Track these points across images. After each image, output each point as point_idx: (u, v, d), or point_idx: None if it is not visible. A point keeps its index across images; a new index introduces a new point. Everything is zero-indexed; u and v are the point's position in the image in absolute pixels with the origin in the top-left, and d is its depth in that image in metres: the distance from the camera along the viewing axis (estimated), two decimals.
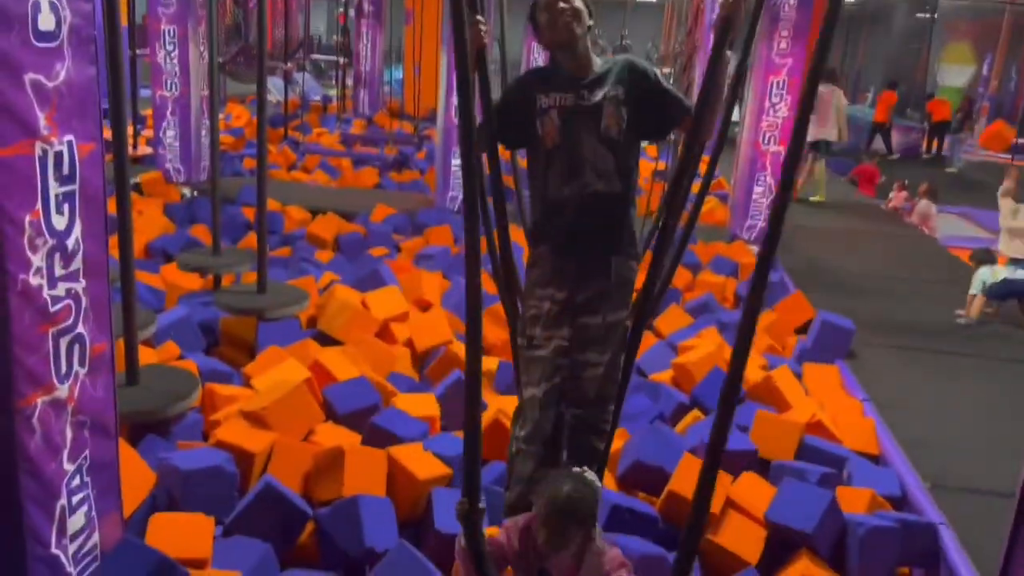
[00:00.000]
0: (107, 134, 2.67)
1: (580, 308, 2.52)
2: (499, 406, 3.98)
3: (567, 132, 2.50)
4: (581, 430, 2.56)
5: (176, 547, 2.84)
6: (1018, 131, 22.92)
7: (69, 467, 2.43)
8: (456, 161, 8.47)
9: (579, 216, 2.49)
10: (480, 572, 2.26)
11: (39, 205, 2.18)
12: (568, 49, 2.54)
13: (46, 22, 2.13)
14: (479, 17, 2.53)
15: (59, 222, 2.27)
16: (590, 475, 2.23)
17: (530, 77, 2.69)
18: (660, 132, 2.74)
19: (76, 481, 2.47)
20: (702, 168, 3.22)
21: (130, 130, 9.36)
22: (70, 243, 2.32)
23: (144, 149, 9.80)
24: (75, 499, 2.47)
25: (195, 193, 8.67)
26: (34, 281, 2.19)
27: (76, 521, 2.48)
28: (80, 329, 2.41)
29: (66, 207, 2.29)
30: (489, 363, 4.67)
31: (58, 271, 2.29)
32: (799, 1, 7.64)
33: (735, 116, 8.25)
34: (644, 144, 2.86)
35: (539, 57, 14.01)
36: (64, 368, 2.35)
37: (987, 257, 6.83)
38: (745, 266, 7.10)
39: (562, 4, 2.49)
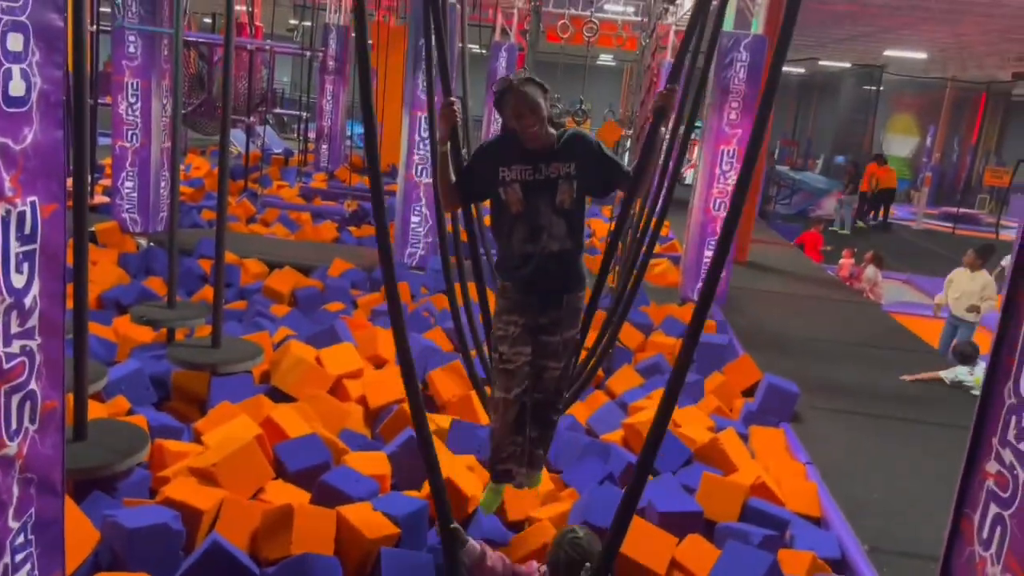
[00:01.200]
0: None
1: (541, 329, 3.13)
2: (452, 469, 4.02)
3: (528, 202, 3.00)
4: (543, 408, 3.26)
5: None
6: (961, 201, 23.90)
7: (14, 524, 2.41)
8: (415, 218, 8.60)
9: (538, 268, 3.06)
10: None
11: None
12: (530, 138, 2.99)
13: (16, 88, 2.19)
14: (452, 98, 3.08)
15: (18, 280, 2.30)
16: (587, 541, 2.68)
17: (494, 149, 3.12)
18: (604, 192, 3.23)
19: (20, 539, 2.45)
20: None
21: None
22: (27, 301, 2.35)
23: (100, 198, 9.75)
24: (19, 557, 2.45)
25: (151, 244, 8.63)
26: None
27: None
28: (32, 386, 2.42)
29: (25, 266, 2.32)
30: (442, 421, 4.71)
31: (14, 328, 2.31)
32: (748, 75, 7.98)
33: (689, 180, 8.60)
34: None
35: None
36: (15, 425, 2.36)
37: (972, 352, 6.87)
38: None
39: (528, 119, 2.91)
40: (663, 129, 3.14)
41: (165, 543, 3.22)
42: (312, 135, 15.72)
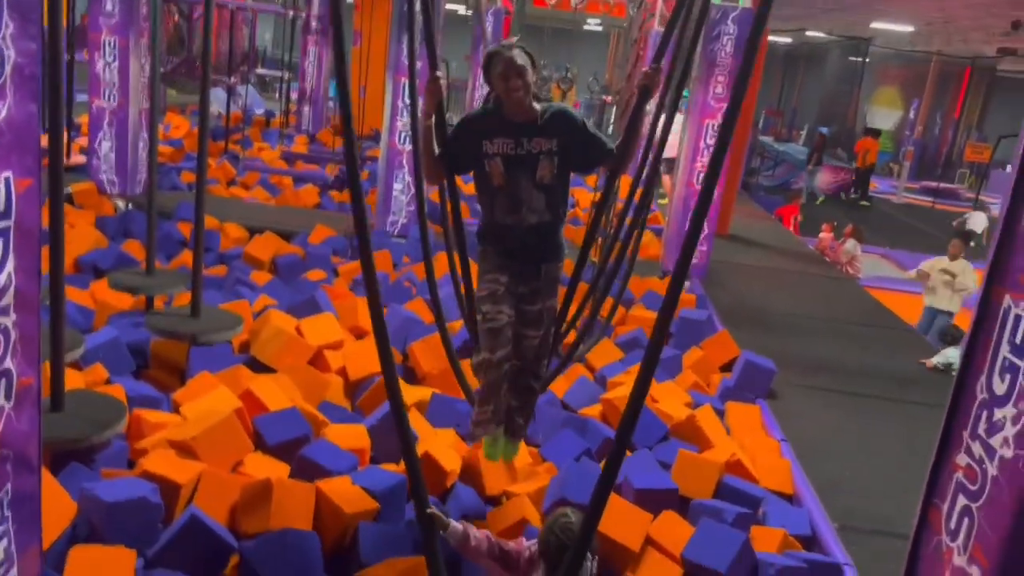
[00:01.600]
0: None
1: (521, 298, 3.19)
2: (430, 443, 4.04)
3: (509, 175, 3.05)
4: (523, 375, 3.31)
5: None
6: (941, 176, 24.01)
7: None
8: (398, 185, 8.54)
9: (518, 238, 3.13)
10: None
11: None
12: (515, 105, 2.99)
13: None
14: (438, 72, 3.09)
15: None
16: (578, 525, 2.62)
17: (477, 122, 3.14)
18: (587, 168, 3.29)
19: None
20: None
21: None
22: (2, 278, 2.32)
23: (77, 158, 9.59)
24: None
25: (129, 206, 8.53)
26: None
27: None
28: (8, 364, 2.39)
29: (0, 242, 2.29)
30: (423, 393, 4.73)
31: None
32: (735, 49, 7.93)
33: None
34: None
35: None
36: None
37: (960, 335, 6.88)
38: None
39: (515, 82, 2.91)
40: (647, 107, 3.16)
41: (143, 516, 3.23)
42: (294, 95, 15.51)
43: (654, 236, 9.83)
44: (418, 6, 3.40)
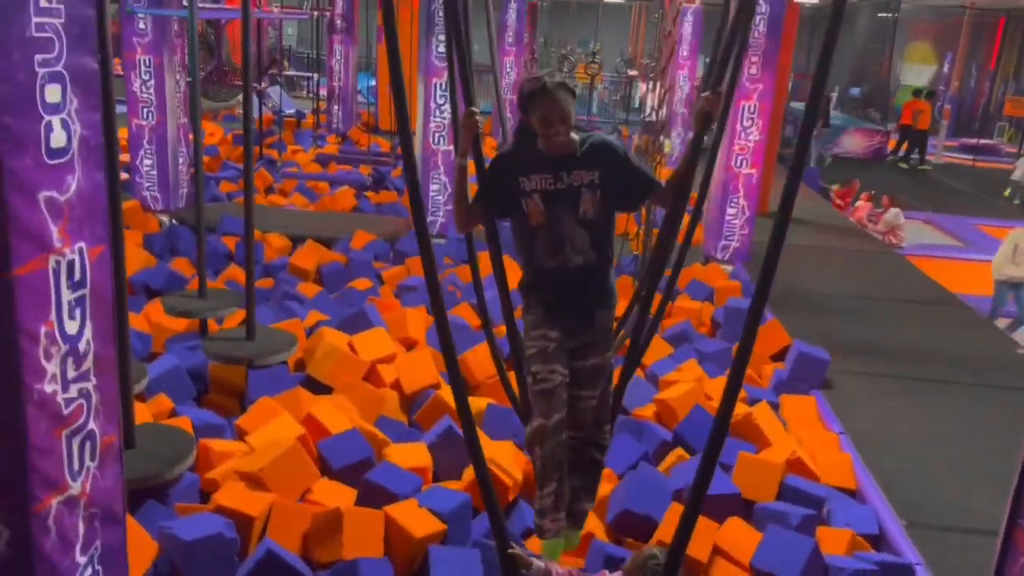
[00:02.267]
0: None
1: (573, 354, 2.87)
2: (492, 456, 4.07)
3: (549, 213, 2.81)
4: (584, 447, 2.97)
5: None
6: (980, 131, 23.47)
7: (81, 560, 2.48)
8: (434, 186, 8.55)
9: (562, 283, 2.85)
10: None
11: (52, 315, 2.23)
12: (554, 145, 2.79)
13: (58, 140, 2.18)
14: (473, 108, 2.86)
15: (71, 327, 2.32)
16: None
17: (512, 158, 2.91)
18: (631, 207, 3.03)
19: (88, 572, 2.52)
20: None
21: None
22: (81, 346, 2.38)
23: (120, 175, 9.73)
24: None
25: (173, 221, 8.66)
26: (48, 388, 2.25)
27: None
28: (91, 426, 2.46)
29: (77, 312, 2.34)
30: (478, 403, 4.76)
31: (70, 374, 2.34)
32: (768, 28, 7.81)
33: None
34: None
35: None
36: (76, 466, 2.41)
37: None
38: (720, 290, 7.25)
39: (558, 127, 2.72)
40: (705, 137, 2.88)
41: (220, 552, 3.31)
42: (323, 92, 15.57)
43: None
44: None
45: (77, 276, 2.33)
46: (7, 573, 2.31)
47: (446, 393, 4.75)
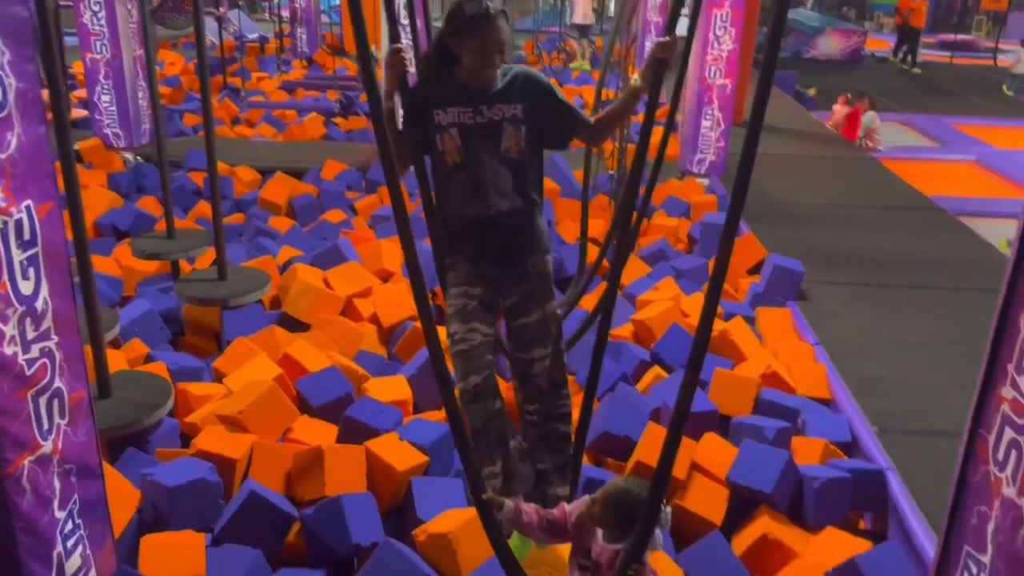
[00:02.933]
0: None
1: (512, 311, 2.66)
2: None
3: (467, 151, 2.57)
4: (544, 420, 2.72)
5: (170, 568, 2.95)
6: (958, 25, 23.15)
7: (60, 515, 2.50)
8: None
9: (485, 233, 2.62)
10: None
11: (5, 276, 2.18)
12: (479, 74, 2.59)
13: None
14: (399, 44, 2.58)
15: (26, 287, 2.27)
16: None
17: (427, 89, 2.67)
18: (558, 143, 2.77)
19: (69, 526, 2.55)
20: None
21: None
22: (39, 304, 2.34)
23: (77, 112, 9.47)
24: (70, 543, 2.55)
25: (138, 159, 8.47)
26: (8, 350, 2.21)
27: (73, 563, 2.57)
28: (57, 383, 2.44)
29: (31, 271, 2.29)
30: None
31: (30, 334, 2.31)
32: None
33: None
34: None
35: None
36: (46, 425, 2.40)
37: None
38: (696, 206, 7.22)
39: (494, 58, 2.54)
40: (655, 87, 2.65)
41: (204, 495, 3.34)
42: (286, 13, 15.07)
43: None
44: None
45: (27, 235, 2.27)
46: None
47: None
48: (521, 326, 2.64)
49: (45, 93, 2.74)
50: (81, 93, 9.86)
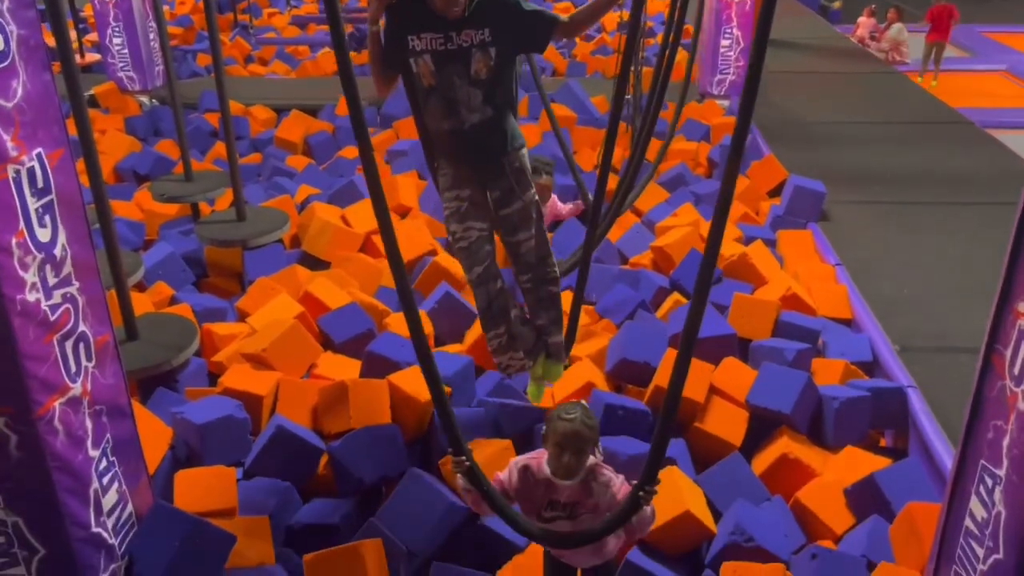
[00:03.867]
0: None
1: (497, 204, 2.91)
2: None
3: (440, 75, 2.71)
4: (537, 286, 3.04)
5: (204, 501, 3.05)
6: None
7: (95, 454, 2.59)
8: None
9: (461, 142, 2.82)
10: (493, 506, 2.45)
11: (22, 224, 2.22)
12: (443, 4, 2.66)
13: None
14: None
15: (43, 235, 2.31)
16: (590, 411, 2.45)
17: (401, 16, 2.74)
18: (537, 49, 2.91)
19: (103, 464, 2.64)
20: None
21: (72, 35, 8.98)
22: (57, 251, 2.38)
23: (90, 56, 9.43)
24: (105, 480, 2.65)
25: (154, 101, 8.45)
26: (31, 297, 2.26)
27: (110, 499, 2.67)
28: (82, 327, 2.50)
29: (47, 218, 2.33)
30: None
31: (51, 280, 2.35)
32: None
33: None
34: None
35: None
36: (73, 367, 2.47)
37: None
38: (716, 128, 7.11)
39: None
40: None
41: (234, 431, 3.43)
42: None
43: (685, 51, 9.42)
44: None
45: (40, 183, 2.30)
46: (25, 472, 2.41)
47: (443, 259, 4.77)
48: (506, 215, 2.91)
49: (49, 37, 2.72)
50: (94, 36, 9.79)
